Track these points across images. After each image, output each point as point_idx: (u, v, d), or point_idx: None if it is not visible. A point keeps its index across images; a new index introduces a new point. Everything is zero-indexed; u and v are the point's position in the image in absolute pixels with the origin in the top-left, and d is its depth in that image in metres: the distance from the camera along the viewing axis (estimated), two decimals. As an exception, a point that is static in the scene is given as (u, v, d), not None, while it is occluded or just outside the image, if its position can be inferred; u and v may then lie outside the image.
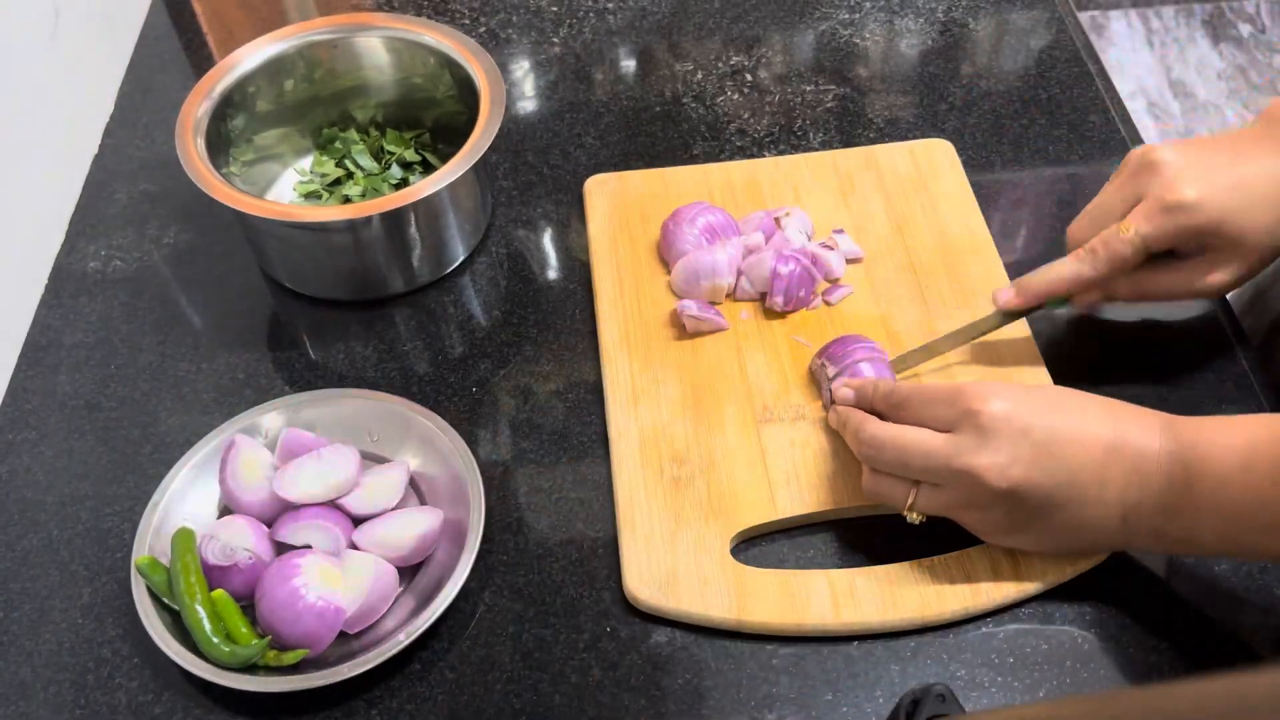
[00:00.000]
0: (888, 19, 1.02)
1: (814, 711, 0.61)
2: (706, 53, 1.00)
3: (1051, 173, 0.88)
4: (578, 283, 0.83)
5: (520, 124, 0.95)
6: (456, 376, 0.77)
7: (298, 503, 0.66)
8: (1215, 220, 0.65)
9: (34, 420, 0.77)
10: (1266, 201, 0.65)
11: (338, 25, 0.87)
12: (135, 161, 0.93)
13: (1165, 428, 0.59)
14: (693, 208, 0.81)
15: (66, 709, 0.63)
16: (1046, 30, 1.01)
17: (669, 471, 0.70)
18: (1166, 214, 0.65)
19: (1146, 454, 0.58)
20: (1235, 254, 0.67)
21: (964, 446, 0.60)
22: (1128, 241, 0.67)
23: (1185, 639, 0.63)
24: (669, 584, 0.65)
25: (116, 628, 0.66)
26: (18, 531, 0.71)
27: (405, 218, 0.78)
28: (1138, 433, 0.59)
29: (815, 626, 0.63)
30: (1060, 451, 0.58)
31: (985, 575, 0.64)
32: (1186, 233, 0.66)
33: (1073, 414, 0.60)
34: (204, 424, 0.74)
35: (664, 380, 0.74)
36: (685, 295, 0.79)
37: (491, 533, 0.69)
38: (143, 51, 1.03)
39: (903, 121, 0.93)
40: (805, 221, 0.82)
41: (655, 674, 0.63)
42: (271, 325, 0.82)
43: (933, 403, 0.63)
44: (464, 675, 0.64)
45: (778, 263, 0.76)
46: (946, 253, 0.81)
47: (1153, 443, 0.58)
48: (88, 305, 0.83)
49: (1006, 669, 0.62)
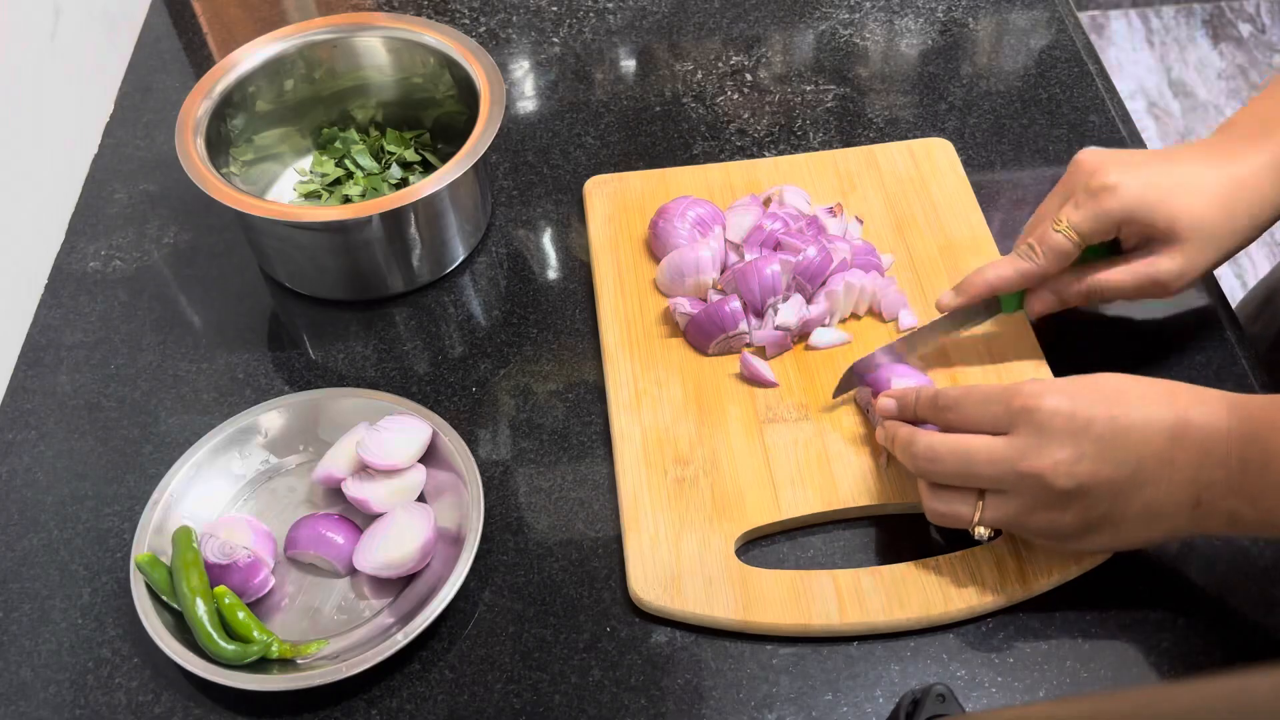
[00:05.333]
0: (888, 19, 1.02)
1: (814, 711, 0.61)
2: (706, 53, 1.00)
3: (1051, 173, 0.88)
4: (578, 283, 0.83)
5: (520, 124, 0.95)
6: (456, 376, 0.77)
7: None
8: (1138, 202, 0.65)
9: (34, 420, 0.77)
10: (1200, 192, 0.65)
11: (338, 25, 0.87)
12: (135, 161, 0.93)
13: (1233, 407, 0.56)
14: (679, 203, 0.81)
15: (66, 709, 0.63)
16: (1046, 30, 1.01)
17: (673, 473, 0.70)
18: (1092, 199, 0.66)
19: (1214, 435, 0.56)
20: (1175, 243, 0.66)
21: (1025, 447, 0.58)
22: (1060, 231, 0.67)
23: (1185, 639, 0.63)
24: (674, 585, 0.65)
25: (116, 628, 0.66)
26: (18, 531, 0.71)
27: (405, 218, 0.78)
28: (1202, 413, 0.57)
29: (821, 627, 0.63)
30: (1124, 442, 0.57)
31: (991, 575, 0.64)
32: (1114, 217, 0.66)
33: (1132, 402, 0.58)
34: (204, 424, 0.74)
35: (666, 381, 0.74)
36: (671, 293, 0.79)
37: (491, 533, 0.69)
38: (143, 51, 1.03)
39: (903, 121, 0.93)
40: (801, 193, 0.82)
41: (655, 674, 0.63)
42: (271, 325, 0.82)
43: (986, 403, 0.61)
44: (464, 675, 0.64)
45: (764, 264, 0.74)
46: (947, 252, 0.81)
47: (1220, 423, 0.56)
48: (88, 305, 0.83)
49: (1006, 669, 0.62)
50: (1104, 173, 0.66)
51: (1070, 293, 0.70)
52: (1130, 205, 0.65)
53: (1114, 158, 0.67)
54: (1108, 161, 0.67)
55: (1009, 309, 0.72)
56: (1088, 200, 0.66)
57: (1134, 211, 0.65)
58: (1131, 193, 0.65)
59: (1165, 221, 0.65)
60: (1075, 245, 0.67)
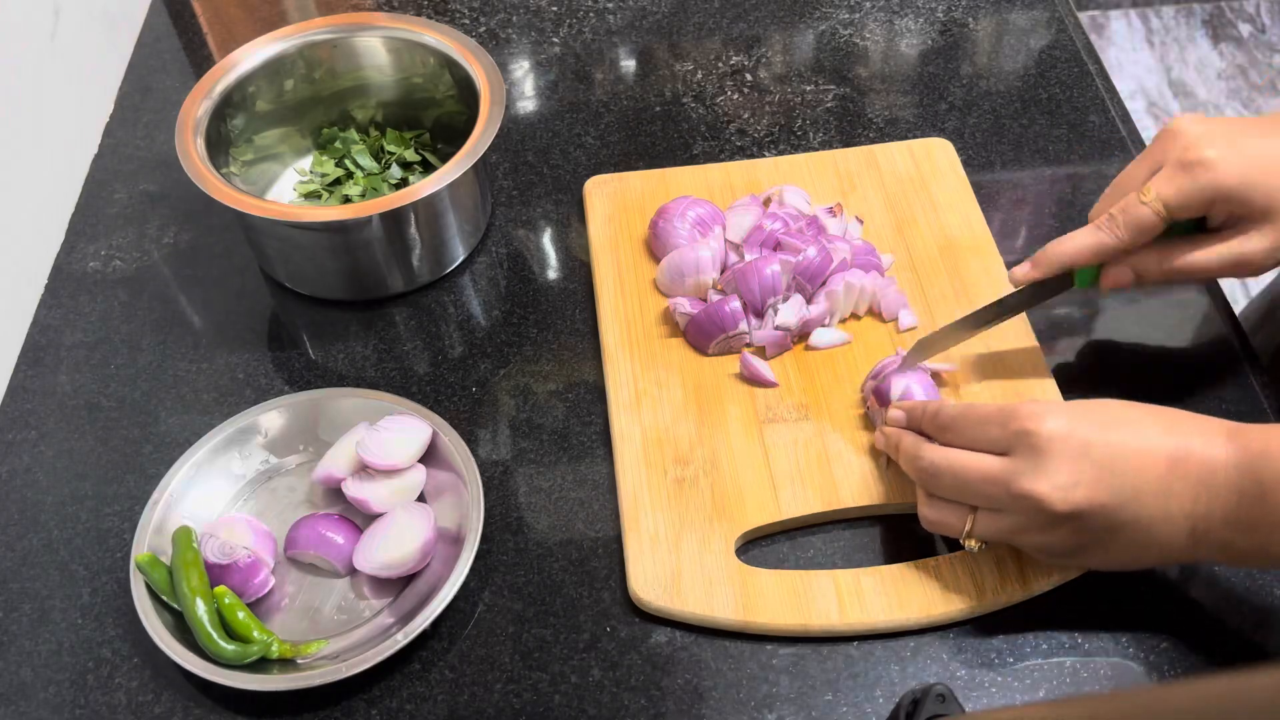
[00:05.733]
0: (888, 19, 1.02)
1: (814, 711, 0.61)
2: (706, 53, 1.00)
3: (1051, 172, 0.88)
4: (578, 283, 0.83)
5: (520, 124, 0.95)
6: (456, 376, 0.77)
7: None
8: (1238, 180, 0.61)
9: (34, 420, 0.77)
10: None
11: (338, 25, 0.87)
12: (135, 161, 0.93)
13: (1231, 436, 0.56)
14: (679, 203, 0.81)
15: (66, 709, 0.63)
16: (1046, 30, 1.01)
17: (673, 473, 0.70)
18: (1186, 173, 0.62)
19: (1213, 465, 0.55)
20: (1268, 223, 0.63)
21: (1022, 469, 0.57)
22: (1147, 204, 0.63)
23: (1185, 639, 0.63)
24: (674, 586, 0.65)
25: (116, 628, 0.66)
26: (18, 531, 0.71)
27: (405, 218, 0.78)
28: (1201, 443, 0.56)
29: (821, 627, 0.63)
30: (1123, 468, 0.56)
31: (991, 575, 0.64)
32: (1208, 194, 0.62)
33: (1131, 428, 0.57)
34: (204, 424, 0.74)
35: (666, 381, 0.74)
36: (671, 293, 0.79)
37: (491, 533, 0.69)
38: (143, 51, 1.03)
39: (903, 121, 0.93)
40: (801, 193, 0.82)
41: (655, 674, 0.63)
42: (271, 325, 0.82)
43: (984, 424, 0.60)
44: (464, 675, 0.64)
45: (764, 264, 0.75)
46: (947, 252, 0.81)
47: (1219, 453, 0.55)
48: (88, 305, 0.83)
49: (1006, 669, 0.62)
50: (1201, 145, 0.62)
51: (1151, 270, 0.66)
52: (1228, 183, 0.62)
53: (1211, 129, 0.63)
54: (1206, 133, 0.63)
55: (1083, 284, 0.68)
56: (1181, 174, 0.62)
57: (1232, 190, 0.62)
58: (1231, 170, 0.61)
59: (1264, 200, 0.62)
60: (1162, 220, 0.64)
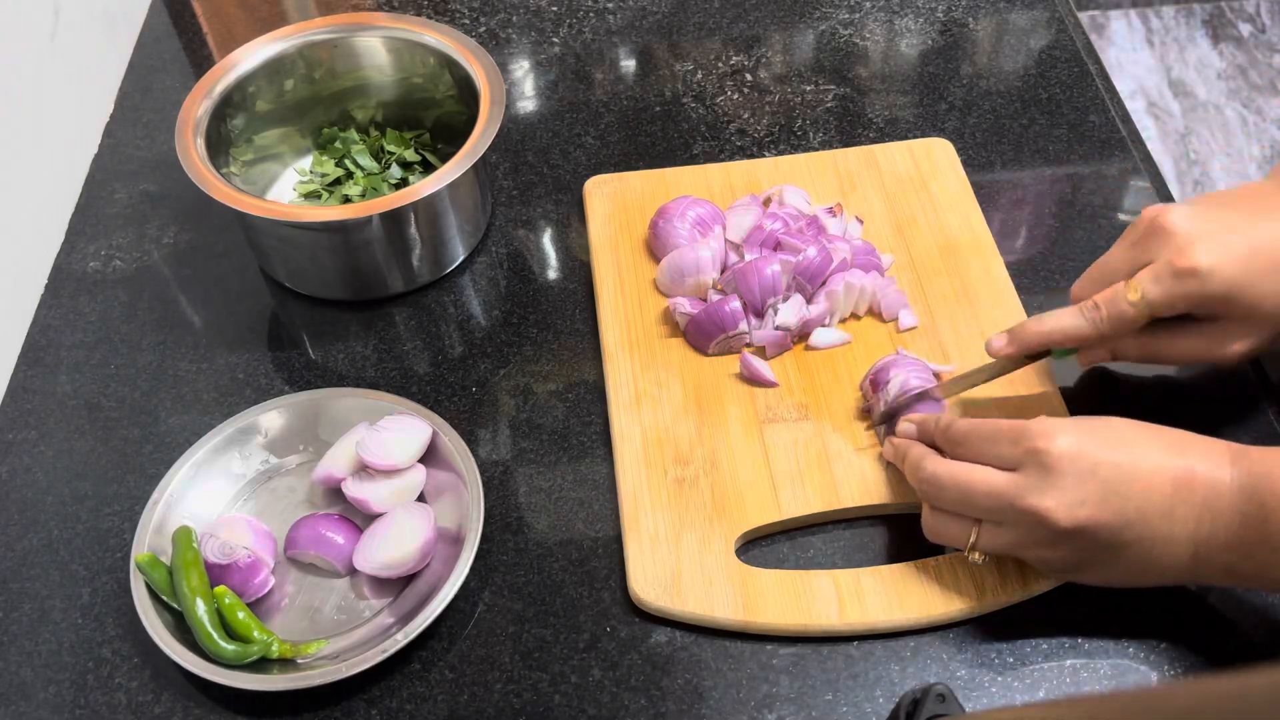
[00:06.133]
0: (888, 19, 1.02)
1: (814, 711, 0.61)
2: (706, 53, 1.00)
3: (1051, 172, 0.88)
4: (578, 283, 0.83)
5: (520, 124, 0.95)
6: (456, 376, 0.77)
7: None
8: (1228, 289, 0.62)
9: (34, 420, 0.77)
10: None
11: (338, 25, 0.87)
12: (135, 161, 0.93)
13: (1236, 458, 0.56)
14: (679, 203, 0.81)
15: (66, 709, 0.63)
16: (1046, 30, 1.01)
17: (672, 473, 0.70)
18: (1176, 280, 0.62)
19: (1218, 488, 0.56)
20: (1251, 323, 0.63)
21: (1028, 486, 0.57)
22: (1133, 304, 0.63)
23: (1185, 639, 0.63)
24: (674, 586, 0.65)
25: (116, 628, 0.66)
26: (18, 531, 0.71)
27: (405, 218, 0.78)
28: (1207, 465, 0.56)
29: (821, 627, 0.63)
30: (1128, 490, 0.56)
31: (991, 575, 0.64)
32: (1196, 300, 0.62)
33: (1139, 448, 0.57)
34: (204, 424, 0.74)
35: (666, 381, 0.74)
36: (671, 293, 0.79)
37: (491, 533, 0.69)
38: (143, 51, 1.03)
39: (903, 121, 0.93)
40: (801, 193, 0.82)
41: (655, 674, 0.63)
42: (271, 325, 0.82)
43: (994, 439, 0.60)
44: (464, 675, 0.64)
45: (764, 264, 0.75)
46: (947, 252, 0.81)
47: (1223, 475, 0.56)
48: (88, 305, 0.83)
49: (1006, 669, 0.62)
50: (1194, 251, 0.61)
51: (1130, 353, 0.67)
52: (1216, 291, 0.62)
53: (1202, 229, 0.62)
54: (1197, 234, 0.62)
55: (1059, 356, 0.70)
56: (1170, 279, 0.62)
57: (1219, 296, 0.62)
58: (1220, 278, 0.61)
59: (1247, 305, 0.62)
60: (1143, 318, 0.64)
